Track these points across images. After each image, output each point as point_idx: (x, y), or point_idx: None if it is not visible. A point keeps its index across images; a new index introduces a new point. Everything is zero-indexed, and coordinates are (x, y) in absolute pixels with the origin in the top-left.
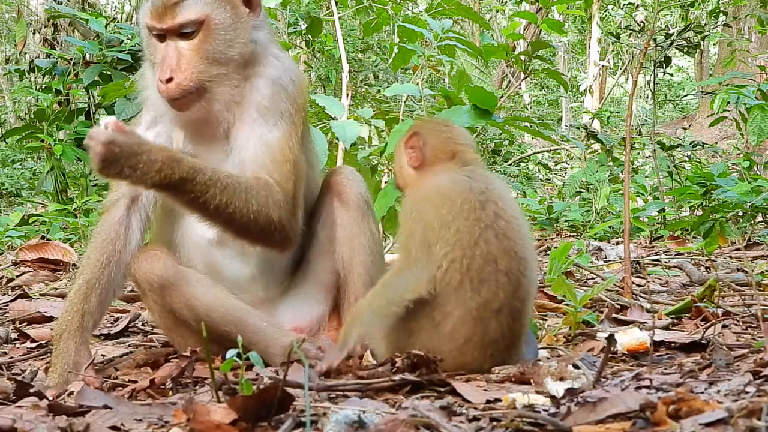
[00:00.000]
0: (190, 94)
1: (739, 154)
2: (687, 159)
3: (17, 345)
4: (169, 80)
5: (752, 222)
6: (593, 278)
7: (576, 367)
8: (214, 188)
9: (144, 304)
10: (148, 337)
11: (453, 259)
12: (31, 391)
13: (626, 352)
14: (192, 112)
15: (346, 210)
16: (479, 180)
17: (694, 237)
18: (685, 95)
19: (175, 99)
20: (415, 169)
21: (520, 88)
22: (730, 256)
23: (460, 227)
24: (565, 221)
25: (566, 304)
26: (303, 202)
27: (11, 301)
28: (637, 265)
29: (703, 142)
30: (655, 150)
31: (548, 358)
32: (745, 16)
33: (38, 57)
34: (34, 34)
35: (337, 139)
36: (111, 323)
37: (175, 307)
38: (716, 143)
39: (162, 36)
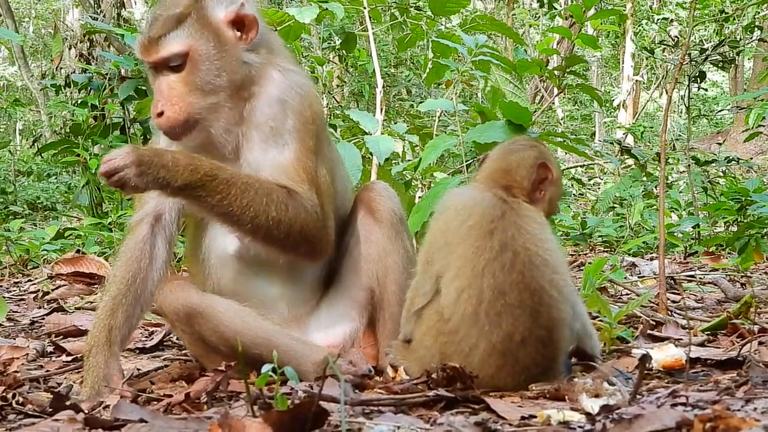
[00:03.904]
0: (181, 126)
1: None
2: (722, 174)
3: (53, 358)
4: (161, 114)
5: None
6: (628, 294)
7: (611, 383)
8: (235, 188)
9: (174, 332)
10: (183, 351)
11: (461, 287)
12: (67, 404)
13: (661, 369)
14: (188, 140)
15: (379, 227)
16: (499, 206)
17: (729, 253)
18: (720, 110)
19: (167, 131)
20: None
21: (553, 103)
22: (766, 272)
23: (464, 253)
24: (599, 236)
25: (601, 320)
26: (333, 215)
27: (47, 314)
28: (672, 281)
29: (738, 158)
30: (689, 165)
31: (583, 375)
32: None
33: (74, 72)
34: (70, 49)
35: (371, 154)
36: (146, 337)
37: (204, 335)
38: (751, 158)
39: (155, 68)
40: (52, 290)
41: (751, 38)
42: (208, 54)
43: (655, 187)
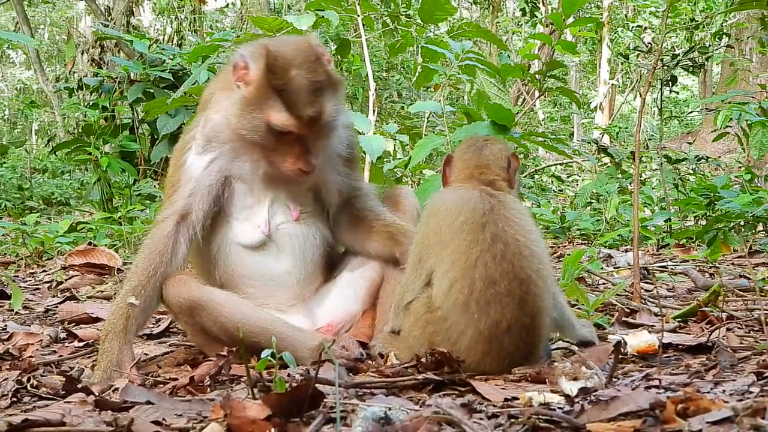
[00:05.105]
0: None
1: (740, 167)
2: (692, 172)
3: (66, 344)
4: (311, 168)
5: (754, 231)
6: (604, 283)
7: (589, 367)
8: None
9: (179, 324)
10: (188, 337)
11: (454, 278)
12: (79, 387)
13: (636, 354)
14: None
15: (403, 216)
16: (487, 200)
17: (698, 245)
18: (690, 112)
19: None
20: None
21: (534, 105)
22: (733, 264)
23: (457, 248)
24: (577, 230)
25: (579, 308)
26: None
27: (60, 302)
28: (646, 272)
29: (707, 156)
30: (661, 163)
31: (562, 359)
32: (747, 38)
33: (86, 76)
34: (82, 54)
35: (365, 152)
36: (153, 324)
37: (206, 326)
38: (719, 157)
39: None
40: (65, 280)
41: (719, 45)
42: (336, 104)
43: (630, 183)
